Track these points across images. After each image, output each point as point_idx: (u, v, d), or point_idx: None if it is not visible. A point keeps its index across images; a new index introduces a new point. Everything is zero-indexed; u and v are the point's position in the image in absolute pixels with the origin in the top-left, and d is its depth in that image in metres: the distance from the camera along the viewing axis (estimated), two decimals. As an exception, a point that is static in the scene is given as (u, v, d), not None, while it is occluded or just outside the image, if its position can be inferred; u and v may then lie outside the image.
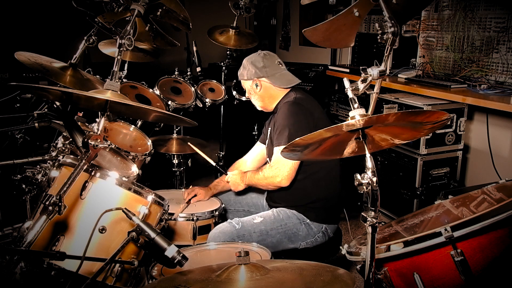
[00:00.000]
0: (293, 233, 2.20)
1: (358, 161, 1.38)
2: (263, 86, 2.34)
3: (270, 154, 2.32)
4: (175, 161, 3.20)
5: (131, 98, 2.81)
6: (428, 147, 3.05)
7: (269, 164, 2.24)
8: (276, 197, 2.34)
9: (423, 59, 3.40)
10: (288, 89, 2.35)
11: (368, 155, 1.27)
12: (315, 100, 2.36)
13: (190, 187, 2.53)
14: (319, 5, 4.48)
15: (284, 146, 2.07)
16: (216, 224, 2.26)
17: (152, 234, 1.43)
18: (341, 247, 1.63)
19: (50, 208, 1.31)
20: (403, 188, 3.19)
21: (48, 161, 1.94)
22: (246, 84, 2.41)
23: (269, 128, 2.43)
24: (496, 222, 1.32)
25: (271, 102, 2.38)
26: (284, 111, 2.23)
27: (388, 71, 3.31)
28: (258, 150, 2.62)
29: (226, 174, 2.46)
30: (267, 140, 2.44)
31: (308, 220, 2.22)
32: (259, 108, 2.46)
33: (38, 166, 1.96)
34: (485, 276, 1.36)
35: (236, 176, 2.40)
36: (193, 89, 3.17)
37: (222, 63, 3.55)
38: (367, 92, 1.34)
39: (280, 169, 2.14)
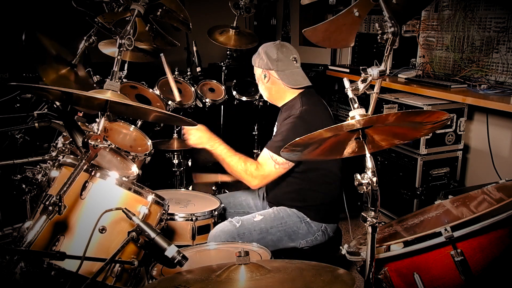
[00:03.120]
0: (293, 231, 2.20)
1: (358, 161, 1.38)
2: (271, 80, 2.29)
3: None
4: (175, 161, 3.20)
5: (131, 98, 2.81)
6: (428, 147, 3.05)
7: (256, 164, 2.17)
8: (276, 196, 2.34)
9: (423, 59, 3.40)
10: (298, 90, 2.27)
11: (368, 155, 1.27)
12: (323, 107, 2.29)
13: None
14: (319, 5, 4.48)
15: (271, 153, 2.09)
16: (215, 224, 2.26)
17: (152, 234, 1.43)
18: (341, 247, 1.63)
19: (50, 208, 1.31)
20: (403, 188, 3.19)
21: (48, 161, 1.94)
22: (256, 71, 2.37)
23: (275, 128, 2.42)
24: (496, 222, 1.32)
25: (278, 97, 2.33)
26: (289, 123, 2.17)
27: (388, 71, 3.31)
28: None
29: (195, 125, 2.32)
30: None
31: (308, 219, 2.22)
32: (265, 98, 2.41)
33: (38, 166, 1.96)
34: (485, 276, 1.36)
35: (201, 132, 2.25)
36: (193, 89, 3.18)
37: (222, 63, 3.55)
38: (367, 92, 1.34)
39: (265, 176, 2.14)
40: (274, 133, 2.40)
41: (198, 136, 2.26)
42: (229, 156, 2.21)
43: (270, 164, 2.13)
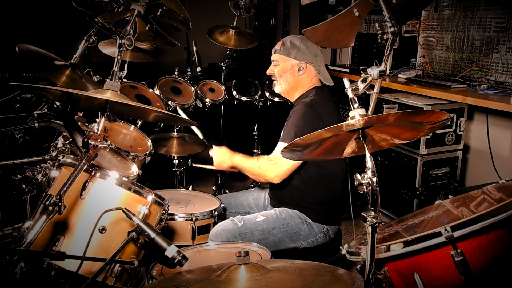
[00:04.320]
0: (295, 232, 2.20)
1: (358, 161, 1.38)
2: (308, 72, 2.27)
3: None
4: (175, 161, 3.21)
5: (131, 98, 2.81)
6: (428, 147, 3.05)
7: (267, 157, 2.18)
8: (278, 197, 2.34)
9: (423, 59, 3.40)
10: (318, 84, 2.31)
11: (368, 155, 1.27)
12: (332, 103, 2.30)
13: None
14: (319, 5, 4.48)
15: (284, 143, 2.06)
16: (215, 224, 2.26)
17: (152, 234, 1.43)
18: (341, 247, 1.63)
19: (50, 208, 1.31)
20: (403, 188, 3.19)
21: (48, 161, 1.94)
22: (285, 62, 2.29)
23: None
24: (496, 222, 1.32)
25: (298, 91, 2.32)
26: (298, 110, 2.19)
27: (388, 71, 3.31)
28: None
29: (212, 148, 2.35)
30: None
31: (310, 220, 2.22)
32: (279, 90, 2.36)
33: (38, 166, 1.96)
34: (485, 276, 1.36)
35: (222, 153, 2.32)
36: (193, 89, 3.18)
37: (222, 63, 3.55)
38: (367, 92, 1.34)
39: (278, 165, 2.11)
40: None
41: (220, 156, 2.34)
42: (245, 161, 2.25)
43: (277, 157, 2.11)
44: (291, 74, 2.30)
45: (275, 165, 2.12)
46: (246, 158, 2.26)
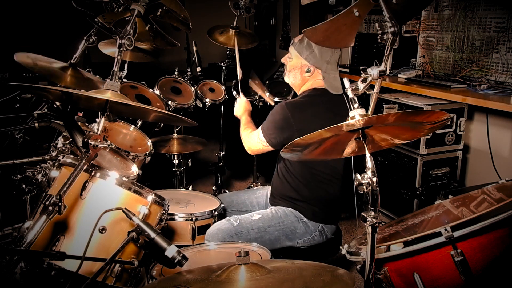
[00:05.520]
0: (291, 230, 2.20)
1: (358, 161, 1.38)
2: (314, 76, 2.28)
3: None
4: (175, 161, 3.21)
5: (131, 98, 2.81)
6: (428, 147, 3.05)
7: (255, 131, 2.34)
8: (275, 195, 2.35)
9: (423, 59, 3.40)
10: (318, 87, 2.29)
11: (368, 155, 1.27)
12: (325, 108, 2.22)
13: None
14: (319, 5, 4.48)
15: (259, 131, 2.25)
16: (215, 224, 2.26)
17: (152, 234, 1.43)
18: (341, 247, 1.63)
19: (50, 208, 1.31)
20: (403, 188, 3.20)
21: (48, 161, 1.94)
22: (297, 59, 2.30)
23: None
24: (496, 222, 1.32)
25: (301, 89, 2.35)
26: (276, 107, 2.27)
27: (388, 71, 3.31)
28: None
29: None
30: None
31: (305, 219, 2.22)
32: (287, 80, 2.40)
33: (38, 166, 1.96)
34: (485, 276, 1.36)
35: (241, 105, 2.67)
36: (193, 89, 3.18)
37: (222, 63, 3.55)
38: (367, 92, 1.34)
39: (250, 142, 2.35)
40: None
41: (237, 106, 2.70)
42: (243, 124, 2.52)
43: (255, 136, 2.30)
44: (299, 72, 2.31)
45: (248, 142, 2.35)
46: (248, 123, 2.51)
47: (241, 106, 2.68)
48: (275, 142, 2.19)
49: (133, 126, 2.66)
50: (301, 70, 2.30)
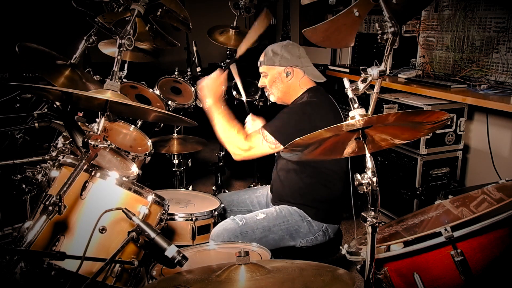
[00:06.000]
0: (295, 229, 2.20)
1: (358, 161, 1.38)
2: (295, 75, 2.28)
3: None
4: (175, 161, 3.21)
5: (131, 98, 2.81)
6: (428, 147, 3.05)
7: (247, 135, 2.18)
8: (279, 194, 2.35)
9: (423, 59, 3.40)
10: (307, 87, 2.30)
11: (368, 155, 1.27)
12: (331, 105, 2.28)
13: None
14: (319, 5, 4.49)
15: (263, 129, 2.12)
16: (215, 224, 2.26)
17: (152, 234, 1.43)
18: (341, 247, 1.63)
19: (50, 208, 1.31)
20: (403, 188, 3.19)
21: (48, 161, 1.94)
22: (272, 71, 2.31)
23: None
24: (496, 222, 1.32)
25: (292, 95, 2.33)
26: (291, 108, 2.24)
27: (388, 71, 3.31)
28: None
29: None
30: None
31: (310, 218, 2.22)
32: (273, 99, 2.38)
33: (38, 166, 1.96)
34: (485, 276, 1.36)
35: (215, 83, 2.26)
36: (193, 89, 3.18)
37: (222, 63, 3.54)
38: (367, 92, 1.34)
39: (252, 150, 2.14)
40: None
41: (210, 83, 2.25)
42: (223, 117, 2.20)
43: (258, 137, 2.13)
44: (280, 81, 2.31)
45: (250, 150, 2.14)
46: (229, 118, 2.21)
47: (211, 83, 2.26)
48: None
49: (133, 126, 2.66)
50: (281, 78, 2.31)
